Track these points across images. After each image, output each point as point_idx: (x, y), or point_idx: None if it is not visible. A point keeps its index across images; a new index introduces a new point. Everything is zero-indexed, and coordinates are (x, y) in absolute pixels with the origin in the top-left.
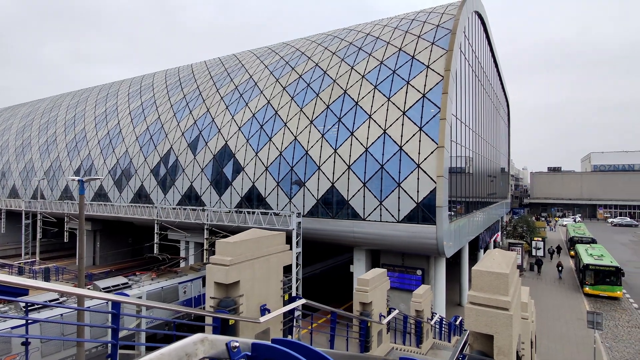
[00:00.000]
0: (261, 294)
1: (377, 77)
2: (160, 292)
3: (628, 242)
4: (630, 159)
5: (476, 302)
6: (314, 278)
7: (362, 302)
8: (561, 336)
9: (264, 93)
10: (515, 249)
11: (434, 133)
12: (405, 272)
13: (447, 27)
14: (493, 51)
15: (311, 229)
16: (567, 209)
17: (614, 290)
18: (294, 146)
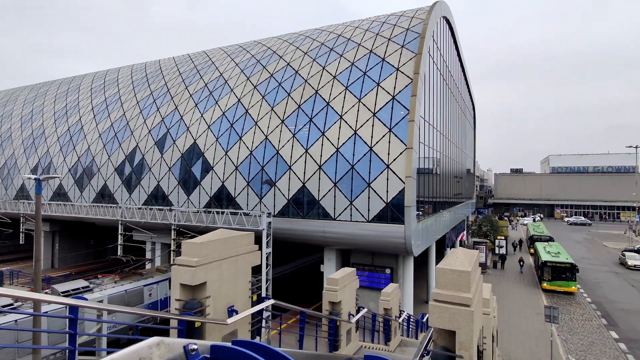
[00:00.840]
0: (229, 295)
1: (348, 78)
2: (124, 295)
3: (582, 240)
4: (585, 162)
5: (439, 300)
6: (284, 278)
7: (331, 301)
8: (521, 330)
9: (234, 91)
10: (480, 247)
11: (403, 134)
12: (375, 271)
13: (416, 31)
14: (460, 55)
15: (282, 229)
16: (528, 208)
17: (569, 285)
18: (265, 145)
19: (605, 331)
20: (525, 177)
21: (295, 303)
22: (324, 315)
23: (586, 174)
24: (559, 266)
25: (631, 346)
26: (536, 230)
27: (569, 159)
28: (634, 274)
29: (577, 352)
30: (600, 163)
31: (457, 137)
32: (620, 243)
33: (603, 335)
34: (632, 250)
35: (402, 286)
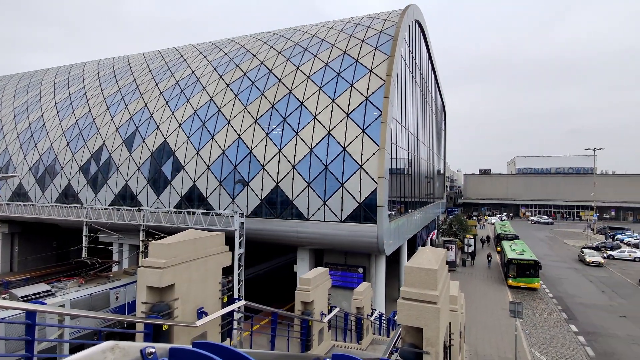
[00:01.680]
0: (198, 297)
1: (322, 78)
2: (88, 299)
3: (545, 238)
4: (548, 163)
5: (407, 297)
6: (258, 279)
7: (303, 301)
8: (488, 326)
9: (206, 89)
10: (450, 246)
11: (375, 135)
12: (348, 271)
13: (389, 34)
14: (431, 59)
15: (255, 230)
16: (495, 208)
17: (532, 281)
18: (238, 145)
19: (565, 325)
20: (492, 178)
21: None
22: (296, 316)
23: (549, 175)
24: (523, 263)
25: (589, 339)
26: (503, 229)
27: (533, 160)
28: (592, 270)
29: (540, 346)
30: (562, 165)
31: (428, 138)
32: (580, 241)
33: (563, 328)
34: (591, 248)
35: (375, 285)
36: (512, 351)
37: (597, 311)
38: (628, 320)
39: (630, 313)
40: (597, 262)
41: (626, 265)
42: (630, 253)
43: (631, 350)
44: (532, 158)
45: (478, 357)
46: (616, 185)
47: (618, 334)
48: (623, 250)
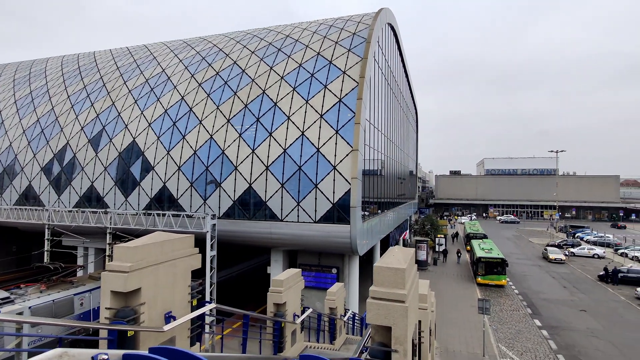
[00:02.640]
0: (166, 301)
1: (296, 79)
2: (50, 306)
3: (511, 237)
4: (515, 165)
5: (376, 297)
6: (231, 281)
7: (276, 303)
8: (458, 322)
9: (177, 88)
10: (422, 245)
11: (349, 136)
12: (322, 271)
13: (362, 36)
14: (404, 61)
15: (227, 231)
16: (465, 208)
17: (500, 279)
18: (210, 145)
19: (530, 320)
20: (462, 179)
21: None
22: (268, 317)
23: (516, 175)
24: (491, 262)
25: (552, 332)
26: (472, 229)
27: (501, 162)
28: (554, 266)
29: (506, 340)
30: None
31: (400, 139)
32: (544, 239)
33: (528, 323)
34: (553, 245)
35: (348, 285)
36: (481, 347)
37: (560, 306)
38: (587, 314)
39: (589, 307)
40: (559, 259)
41: (586, 261)
42: (589, 250)
43: (590, 342)
44: (500, 159)
45: (448, 353)
46: (577, 185)
47: (578, 328)
48: (583, 247)
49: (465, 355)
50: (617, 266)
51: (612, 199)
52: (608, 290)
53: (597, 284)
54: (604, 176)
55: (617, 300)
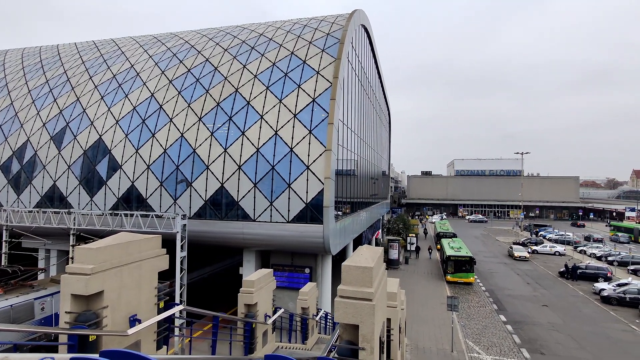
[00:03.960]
0: (131, 304)
1: (269, 78)
2: (8, 311)
3: (480, 235)
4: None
5: (344, 296)
6: (202, 282)
7: (247, 303)
8: (428, 320)
9: (147, 85)
10: (394, 244)
11: (322, 136)
12: (294, 271)
13: (336, 37)
14: (377, 63)
15: (198, 232)
16: (436, 208)
17: (468, 276)
18: (180, 144)
19: (496, 315)
20: (433, 179)
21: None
22: (238, 318)
23: (484, 176)
24: (460, 260)
25: (516, 327)
26: (442, 228)
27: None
28: (519, 264)
29: (473, 336)
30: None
31: (373, 140)
32: (509, 237)
33: (494, 319)
34: (518, 244)
35: (321, 285)
36: (450, 343)
37: (523, 301)
38: (549, 309)
39: (551, 302)
40: (523, 257)
41: (548, 258)
42: (551, 247)
43: (551, 336)
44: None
45: (418, 350)
46: (540, 186)
47: (541, 322)
48: (545, 245)
49: (435, 351)
50: (576, 263)
51: (572, 199)
52: (568, 285)
53: (558, 280)
54: (565, 177)
55: (576, 295)
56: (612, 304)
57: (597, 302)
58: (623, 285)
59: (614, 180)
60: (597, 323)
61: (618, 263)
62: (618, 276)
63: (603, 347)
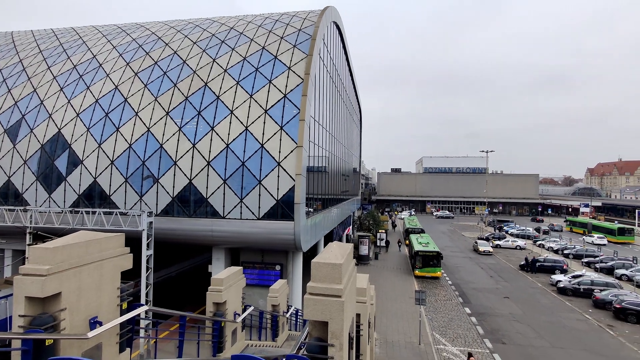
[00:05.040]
0: (91, 306)
1: (239, 72)
2: None
3: (446, 231)
4: (450, 163)
5: (314, 293)
6: (169, 281)
7: (215, 302)
8: (397, 314)
9: (110, 77)
10: (364, 240)
11: (294, 133)
12: (265, 269)
13: (308, 33)
14: (349, 61)
15: (166, 229)
16: (405, 204)
17: (435, 271)
18: (147, 138)
19: (461, 308)
20: (403, 176)
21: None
22: (206, 318)
23: (451, 174)
24: (428, 255)
25: (480, 319)
26: (411, 224)
27: (438, 160)
28: (483, 258)
29: (440, 328)
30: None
31: (344, 137)
32: (474, 233)
33: (460, 311)
34: (482, 239)
35: (292, 281)
36: (417, 336)
37: (487, 294)
38: (510, 300)
39: (512, 294)
40: (487, 251)
41: (510, 252)
42: (512, 242)
43: (512, 326)
44: (437, 158)
45: (387, 344)
46: (503, 183)
47: (502, 313)
48: (507, 240)
49: (403, 344)
50: (535, 256)
51: (532, 196)
52: (528, 278)
53: (518, 272)
54: (526, 175)
55: (535, 287)
56: (567, 294)
57: (554, 293)
58: (577, 277)
59: (570, 177)
60: (554, 313)
61: (573, 256)
62: (573, 268)
63: (559, 336)
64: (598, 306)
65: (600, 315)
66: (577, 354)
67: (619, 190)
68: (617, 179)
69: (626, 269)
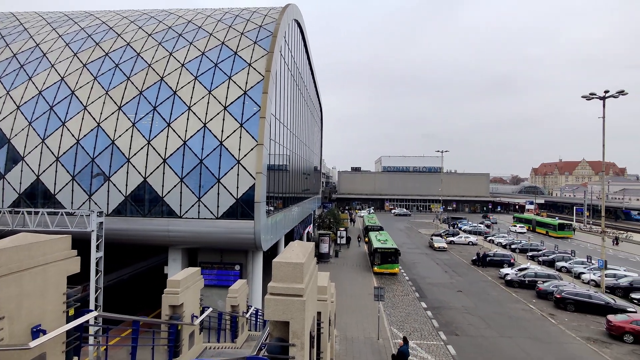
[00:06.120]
0: (33, 313)
1: (198, 67)
2: None
3: (404, 228)
4: (408, 162)
5: (275, 293)
6: (122, 284)
7: (171, 305)
8: (356, 310)
9: (56, 67)
10: (324, 238)
11: (254, 130)
12: (224, 269)
13: (269, 29)
14: (310, 59)
15: (118, 230)
16: (365, 202)
17: (393, 267)
18: (97, 134)
19: (417, 303)
20: (362, 175)
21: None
22: (161, 321)
23: (408, 172)
24: (386, 252)
25: (435, 312)
26: (370, 221)
27: (396, 159)
28: (438, 254)
29: (398, 323)
30: (418, 164)
31: (305, 136)
32: (430, 229)
33: (416, 306)
34: (438, 235)
35: (252, 281)
36: (376, 331)
37: (441, 288)
38: (463, 294)
39: (464, 288)
40: (442, 247)
41: (463, 248)
42: (465, 238)
43: (464, 318)
44: (395, 157)
45: (347, 340)
46: (457, 182)
47: (456, 306)
48: (461, 236)
49: (362, 340)
50: (485, 251)
51: (483, 194)
52: (479, 272)
53: (471, 267)
54: (478, 174)
55: (485, 280)
56: (514, 286)
57: (502, 286)
58: (523, 270)
59: (517, 177)
60: (502, 304)
61: (519, 250)
62: (519, 262)
63: (506, 325)
64: (541, 297)
65: (543, 305)
66: (522, 342)
67: (559, 189)
68: (558, 178)
69: (565, 261)
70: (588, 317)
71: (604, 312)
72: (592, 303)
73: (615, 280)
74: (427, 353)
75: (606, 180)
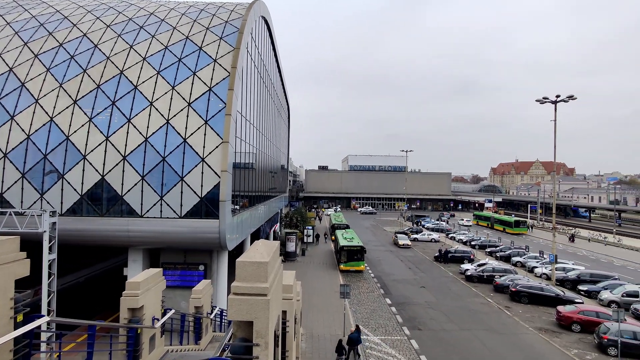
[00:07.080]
0: None
1: (160, 62)
2: None
3: (369, 226)
4: (373, 162)
5: (239, 292)
6: (78, 287)
7: (131, 307)
8: (322, 308)
9: (3, 57)
10: (291, 237)
11: (219, 127)
12: (188, 269)
13: (235, 25)
14: (277, 57)
15: (73, 230)
16: (332, 201)
17: (359, 265)
18: (49, 129)
19: (382, 299)
20: (329, 174)
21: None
22: (120, 325)
23: (374, 171)
24: (352, 249)
25: (399, 308)
26: (337, 220)
27: (362, 158)
28: (403, 251)
29: (363, 319)
30: (383, 163)
31: (272, 134)
32: (395, 227)
33: (381, 302)
34: (402, 233)
35: (216, 281)
36: (342, 328)
37: (406, 285)
38: (426, 289)
39: (427, 284)
40: (406, 245)
41: (426, 245)
42: (428, 235)
43: (427, 313)
44: (362, 157)
45: (313, 338)
46: (420, 181)
47: (419, 302)
48: (424, 233)
49: (328, 337)
50: (447, 248)
51: (445, 193)
52: (441, 268)
53: (433, 263)
54: (440, 173)
55: (447, 276)
56: (473, 281)
57: (463, 281)
58: (482, 265)
59: (477, 176)
60: (462, 299)
61: (479, 246)
62: (479, 258)
63: (466, 319)
64: (498, 290)
65: (500, 298)
66: (480, 334)
67: (515, 188)
68: (514, 177)
69: (520, 256)
70: (540, 308)
71: (554, 304)
72: (544, 295)
73: (564, 274)
74: (391, 348)
75: (557, 180)
